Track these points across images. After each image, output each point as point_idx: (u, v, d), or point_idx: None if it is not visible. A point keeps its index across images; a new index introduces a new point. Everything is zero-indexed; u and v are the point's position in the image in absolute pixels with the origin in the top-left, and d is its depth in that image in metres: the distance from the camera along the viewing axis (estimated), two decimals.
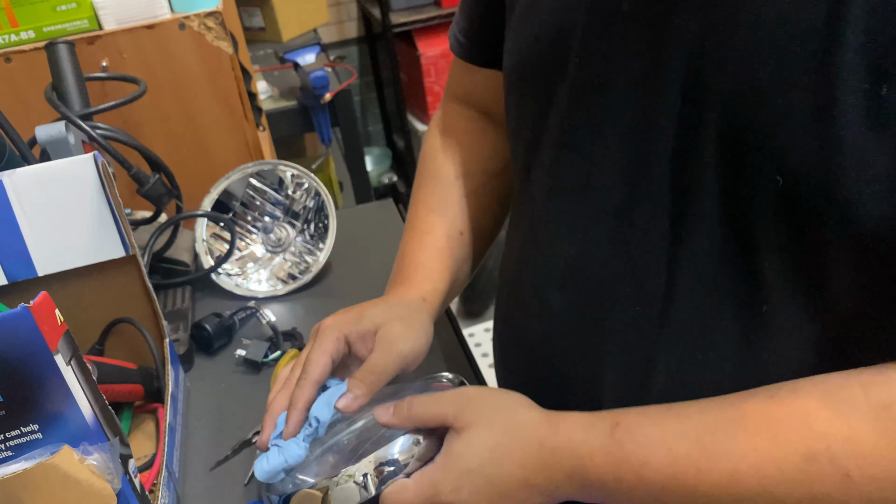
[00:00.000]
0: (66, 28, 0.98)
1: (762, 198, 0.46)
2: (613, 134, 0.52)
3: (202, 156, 1.08)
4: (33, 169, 0.68)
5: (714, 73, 0.46)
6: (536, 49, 0.57)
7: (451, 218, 0.73)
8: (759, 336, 0.50)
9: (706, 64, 0.47)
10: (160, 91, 1.02)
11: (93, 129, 0.84)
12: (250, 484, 0.71)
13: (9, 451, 0.53)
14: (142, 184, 0.89)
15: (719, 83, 0.46)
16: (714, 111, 0.47)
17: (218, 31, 1.01)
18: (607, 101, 0.52)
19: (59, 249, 0.71)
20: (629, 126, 0.51)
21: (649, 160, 0.51)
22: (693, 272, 0.51)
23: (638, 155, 0.51)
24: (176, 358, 0.82)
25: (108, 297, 0.76)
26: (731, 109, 0.46)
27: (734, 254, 0.49)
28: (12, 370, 0.50)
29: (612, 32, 0.51)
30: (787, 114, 0.43)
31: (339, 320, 0.65)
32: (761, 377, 0.50)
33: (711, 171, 0.48)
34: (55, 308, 0.52)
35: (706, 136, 0.48)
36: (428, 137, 0.80)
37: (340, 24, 2.80)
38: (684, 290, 0.52)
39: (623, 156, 0.52)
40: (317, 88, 1.64)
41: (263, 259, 1.03)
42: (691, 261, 0.51)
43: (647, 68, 0.49)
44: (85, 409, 0.53)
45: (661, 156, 0.50)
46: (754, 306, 0.49)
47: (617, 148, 0.53)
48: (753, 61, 0.44)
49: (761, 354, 0.51)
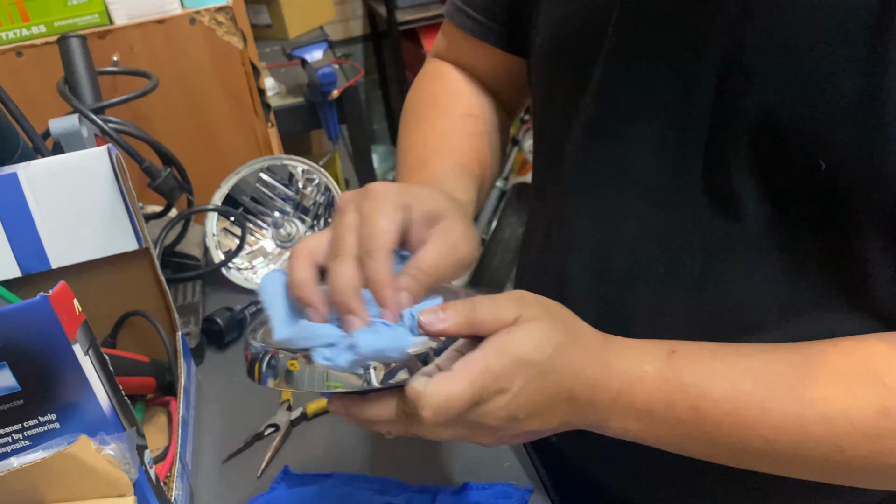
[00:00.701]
0: (77, 23, 0.99)
1: (802, 181, 0.46)
2: (649, 115, 0.52)
3: (212, 150, 1.08)
4: (47, 161, 0.69)
5: (755, 55, 0.46)
6: (570, 29, 0.56)
7: (466, 149, 0.66)
8: (797, 319, 0.49)
9: (747, 45, 0.46)
10: (171, 86, 1.03)
11: (105, 122, 0.84)
12: (262, 476, 0.71)
13: (27, 440, 0.53)
14: (153, 178, 0.89)
15: (761, 65, 0.46)
16: (754, 94, 0.46)
17: (228, 26, 1.01)
18: (643, 83, 0.52)
19: (73, 242, 0.71)
20: (665, 107, 0.51)
21: (684, 142, 0.51)
22: (728, 255, 0.50)
23: (673, 136, 0.51)
24: (188, 351, 0.82)
25: (120, 289, 0.76)
26: (772, 92, 0.45)
27: (771, 237, 0.48)
28: (31, 360, 0.50)
29: (649, 12, 0.50)
30: (832, 97, 0.43)
31: (397, 188, 0.50)
32: None
33: (749, 154, 0.47)
34: (73, 298, 0.52)
35: (744, 118, 0.47)
36: (420, 84, 0.75)
37: (346, 22, 2.80)
38: (718, 273, 0.51)
39: (658, 137, 0.52)
40: (324, 85, 1.65)
41: (273, 254, 1.03)
42: (726, 244, 0.50)
43: (684, 49, 0.49)
44: (102, 399, 0.53)
45: (696, 137, 0.50)
46: (792, 289, 0.49)
47: (652, 129, 0.52)
48: (798, 44, 0.44)
49: (798, 329, 0.50)
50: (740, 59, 0.47)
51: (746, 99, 0.47)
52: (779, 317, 0.50)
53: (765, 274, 0.50)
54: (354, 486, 0.68)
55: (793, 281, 0.49)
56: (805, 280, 0.49)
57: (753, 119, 0.47)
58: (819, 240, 0.47)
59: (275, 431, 0.76)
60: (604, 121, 0.55)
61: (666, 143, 0.52)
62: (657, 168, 0.52)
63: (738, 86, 0.47)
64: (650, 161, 0.53)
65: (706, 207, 0.51)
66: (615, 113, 0.54)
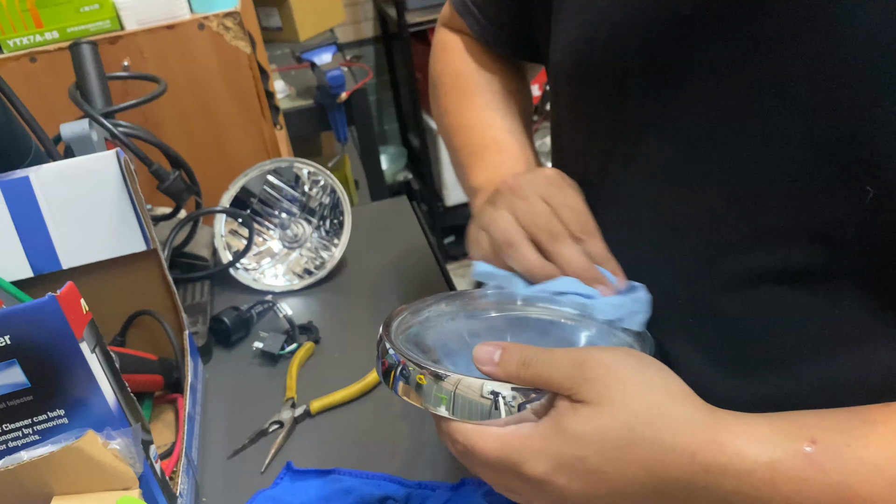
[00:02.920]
0: (89, 28, 1.01)
1: (847, 209, 0.42)
2: (681, 138, 0.49)
3: (220, 153, 1.10)
4: (58, 165, 0.71)
5: (800, 77, 0.43)
6: (599, 44, 0.52)
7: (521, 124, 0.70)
8: (828, 346, 0.45)
9: (793, 68, 0.43)
10: (180, 90, 1.04)
11: (115, 126, 0.86)
12: (266, 472, 0.73)
13: (36, 434, 0.55)
14: (162, 180, 0.91)
15: (808, 89, 0.42)
16: (799, 119, 0.43)
17: (236, 30, 1.03)
18: (676, 104, 0.48)
19: (83, 243, 0.73)
20: (699, 129, 0.47)
21: (719, 166, 0.47)
22: (756, 281, 0.47)
23: (707, 159, 0.47)
24: (195, 350, 0.84)
25: (129, 289, 0.78)
26: (820, 117, 0.42)
27: (810, 269, 0.45)
28: (40, 357, 0.52)
29: (685, 32, 0.47)
30: (885, 123, 0.40)
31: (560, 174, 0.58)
32: (835, 388, 0.45)
33: (791, 182, 0.44)
34: (80, 297, 0.54)
35: (788, 143, 0.44)
36: (441, 57, 0.77)
37: (356, 24, 2.82)
38: (744, 299, 0.47)
39: (691, 161, 0.48)
40: (333, 88, 1.66)
41: (280, 254, 1.05)
42: (752, 270, 0.47)
43: (724, 71, 0.46)
44: (108, 395, 0.55)
45: (731, 163, 0.46)
46: (826, 321, 0.45)
47: (685, 151, 0.49)
48: (849, 67, 0.41)
49: (832, 364, 0.46)
50: (786, 84, 0.43)
51: (791, 123, 0.43)
52: (809, 352, 0.46)
53: (797, 304, 0.46)
54: (355, 481, 0.69)
55: (827, 312, 0.45)
56: (840, 310, 0.45)
57: (799, 145, 0.43)
58: (859, 269, 0.43)
59: (279, 428, 0.77)
60: (631, 140, 0.52)
61: (698, 166, 0.48)
62: (685, 196, 0.49)
63: (782, 112, 0.44)
64: (681, 187, 0.49)
65: (739, 239, 0.47)
66: (643, 133, 0.51)
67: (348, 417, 0.79)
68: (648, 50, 0.49)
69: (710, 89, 0.46)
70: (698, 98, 0.47)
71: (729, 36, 0.45)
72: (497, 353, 0.45)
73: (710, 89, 0.46)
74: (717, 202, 0.47)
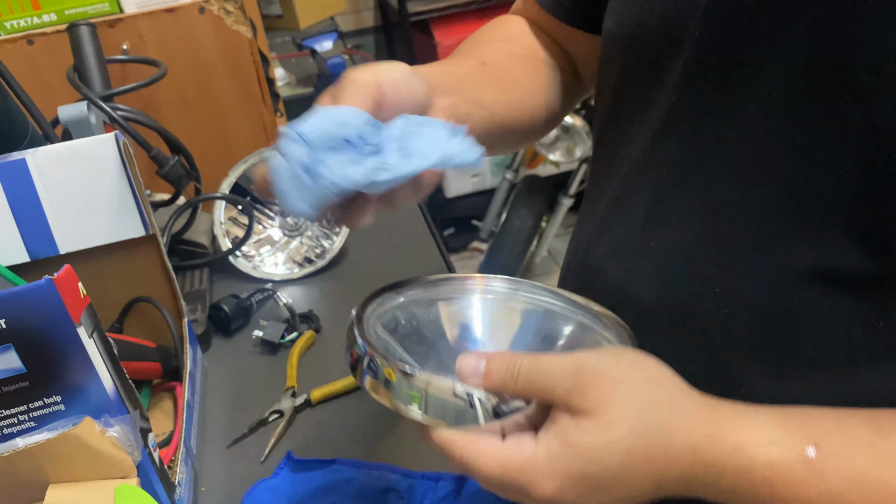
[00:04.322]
0: (88, 11, 0.99)
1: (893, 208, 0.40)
2: (727, 121, 0.46)
3: (220, 139, 1.08)
4: (55, 148, 0.69)
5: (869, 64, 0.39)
6: (646, 20, 0.50)
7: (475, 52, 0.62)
8: (870, 365, 0.44)
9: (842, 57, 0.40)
10: (180, 74, 1.03)
11: (114, 110, 0.85)
12: (266, 461, 0.72)
13: (32, 421, 0.54)
14: (161, 165, 0.90)
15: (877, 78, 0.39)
16: (866, 109, 0.40)
17: (237, 15, 1.02)
18: (725, 87, 0.46)
19: (81, 228, 0.72)
20: (745, 115, 0.45)
21: (763, 152, 0.44)
22: (800, 279, 0.45)
23: (751, 146, 0.45)
24: (194, 338, 0.83)
25: (127, 276, 0.77)
26: (870, 112, 0.40)
27: (860, 274, 0.43)
28: (36, 342, 0.51)
29: (738, 13, 0.44)
30: None
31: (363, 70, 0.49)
32: (870, 400, 0.43)
33: (851, 178, 0.41)
34: (78, 281, 0.53)
35: (851, 135, 0.41)
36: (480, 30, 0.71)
37: (357, 13, 2.80)
38: (785, 297, 0.45)
39: (747, 144, 0.45)
40: (334, 75, 1.65)
41: (280, 242, 1.03)
42: (797, 266, 0.44)
43: (771, 56, 0.43)
44: (106, 381, 0.54)
45: (778, 150, 0.44)
46: (868, 331, 0.43)
47: (729, 136, 0.46)
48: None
49: (871, 376, 0.44)
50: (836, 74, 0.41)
51: (838, 114, 0.41)
52: (848, 360, 0.44)
53: (839, 310, 0.44)
54: (357, 472, 0.68)
55: (871, 322, 0.43)
56: (885, 322, 0.43)
57: (846, 138, 0.40)
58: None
59: (279, 417, 0.76)
60: (676, 121, 0.49)
61: (742, 152, 0.45)
62: (727, 179, 0.47)
63: (829, 102, 0.41)
64: (722, 170, 0.47)
65: (780, 228, 0.45)
66: (689, 115, 0.48)
67: (349, 407, 0.78)
68: (708, 21, 0.45)
69: (777, 70, 0.43)
70: (761, 76, 0.44)
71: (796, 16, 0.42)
72: (482, 363, 0.42)
73: (777, 70, 0.43)
74: (770, 191, 0.44)
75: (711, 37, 0.46)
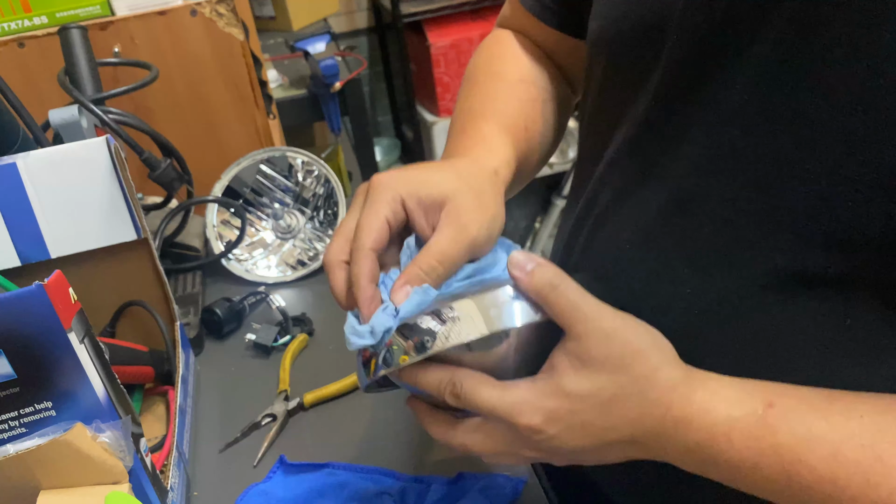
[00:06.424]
0: (79, 13, 0.99)
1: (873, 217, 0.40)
2: (698, 123, 0.47)
3: (213, 142, 1.08)
4: (46, 152, 0.69)
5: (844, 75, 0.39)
6: (628, 21, 0.50)
7: (513, 112, 0.63)
8: (840, 353, 0.45)
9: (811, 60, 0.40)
10: (172, 77, 1.03)
11: (105, 113, 0.84)
12: (259, 465, 0.72)
13: (23, 427, 0.53)
14: (153, 168, 0.90)
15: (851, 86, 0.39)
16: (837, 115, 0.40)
17: (229, 17, 1.02)
18: (699, 89, 0.46)
19: (72, 232, 0.72)
20: (718, 117, 0.45)
21: (733, 154, 0.45)
22: (768, 279, 0.45)
23: (722, 148, 0.46)
24: (186, 341, 0.82)
25: (119, 280, 0.76)
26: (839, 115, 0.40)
27: (827, 274, 0.43)
28: (27, 348, 0.51)
29: (713, 16, 0.44)
30: None
31: (396, 178, 0.50)
32: None
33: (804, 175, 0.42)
34: (69, 287, 0.53)
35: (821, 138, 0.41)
36: (479, 51, 0.72)
37: (350, 14, 2.79)
38: (754, 297, 0.46)
39: (707, 148, 0.46)
40: (327, 77, 1.64)
41: (273, 245, 1.03)
42: (765, 267, 0.45)
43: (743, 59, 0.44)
44: (98, 387, 0.54)
45: (747, 151, 0.44)
46: (837, 321, 0.44)
47: (701, 138, 0.47)
48: None
49: (844, 372, 0.45)
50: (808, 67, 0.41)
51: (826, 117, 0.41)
52: (819, 357, 0.46)
53: (807, 309, 0.45)
54: (349, 475, 0.68)
55: (838, 320, 0.44)
56: (852, 319, 0.44)
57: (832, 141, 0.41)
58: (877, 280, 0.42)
59: (272, 421, 0.76)
60: (655, 122, 0.50)
61: (713, 153, 0.46)
62: (697, 180, 0.47)
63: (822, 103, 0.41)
64: (691, 171, 0.47)
65: (753, 230, 0.45)
66: (670, 117, 0.49)
67: (343, 410, 0.77)
68: (684, 24, 0.46)
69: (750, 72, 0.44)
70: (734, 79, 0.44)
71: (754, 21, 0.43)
72: (531, 265, 0.46)
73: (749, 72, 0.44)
74: (739, 193, 0.45)
75: (687, 39, 0.47)
